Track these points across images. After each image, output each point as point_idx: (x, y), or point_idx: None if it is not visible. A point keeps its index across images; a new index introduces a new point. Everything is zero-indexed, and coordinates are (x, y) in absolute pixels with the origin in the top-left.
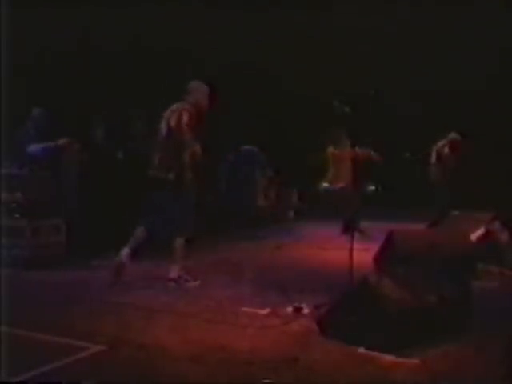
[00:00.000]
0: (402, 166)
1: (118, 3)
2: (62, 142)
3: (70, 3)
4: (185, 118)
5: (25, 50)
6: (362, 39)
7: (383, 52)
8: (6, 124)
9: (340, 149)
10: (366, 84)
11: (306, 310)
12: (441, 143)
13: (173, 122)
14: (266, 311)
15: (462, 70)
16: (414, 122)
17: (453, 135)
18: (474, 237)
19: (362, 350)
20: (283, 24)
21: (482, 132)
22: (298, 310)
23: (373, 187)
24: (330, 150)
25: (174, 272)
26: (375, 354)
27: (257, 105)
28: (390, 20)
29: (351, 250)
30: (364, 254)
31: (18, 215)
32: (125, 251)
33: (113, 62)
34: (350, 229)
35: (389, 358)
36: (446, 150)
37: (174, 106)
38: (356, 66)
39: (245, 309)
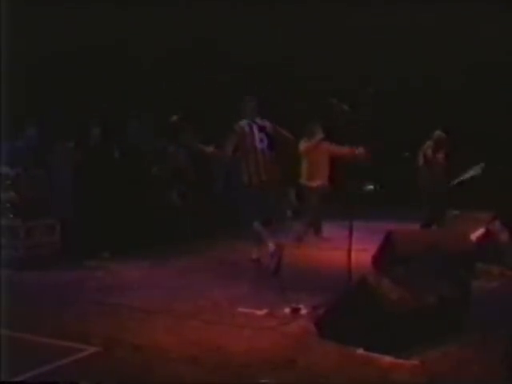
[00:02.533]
0: (401, 165)
1: (115, 4)
2: None
3: (68, 4)
4: None
5: (25, 49)
6: (362, 38)
7: (382, 50)
8: (5, 124)
9: (314, 142)
10: (366, 82)
11: (303, 311)
12: (426, 144)
13: None
14: (263, 312)
15: (462, 69)
16: (414, 120)
17: (437, 133)
18: (474, 237)
19: (360, 351)
20: (280, 23)
21: (482, 131)
22: (295, 310)
23: (371, 186)
24: (302, 143)
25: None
26: (374, 355)
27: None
28: (388, 20)
29: (349, 250)
30: (362, 254)
31: (11, 215)
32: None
33: (111, 62)
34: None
35: (388, 359)
36: (430, 151)
37: None
38: (355, 65)
39: (242, 309)
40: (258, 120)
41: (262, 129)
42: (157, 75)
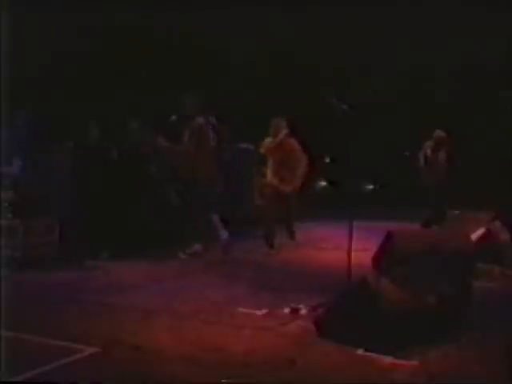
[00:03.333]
0: (401, 165)
1: (114, 5)
2: None
3: (67, 4)
4: None
5: (24, 51)
6: (361, 37)
7: (382, 50)
8: (5, 124)
9: (278, 140)
10: (366, 83)
11: (303, 311)
12: (427, 144)
13: None
14: (262, 312)
15: (463, 68)
16: (414, 120)
17: (437, 132)
18: (474, 237)
19: (360, 351)
20: (279, 22)
21: (482, 131)
22: (295, 310)
23: (371, 186)
24: (267, 142)
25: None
26: (374, 355)
27: (254, 103)
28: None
29: (349, 250)
30: (362, 254)
31: (10, 215)
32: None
33: (109, 62)
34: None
35: (388, 359)
36: (429, 151)
37: None
38: (355, 65)
39: (241, 309)
40: (210, 117)
41: (213, 126)
42: (155, 75)
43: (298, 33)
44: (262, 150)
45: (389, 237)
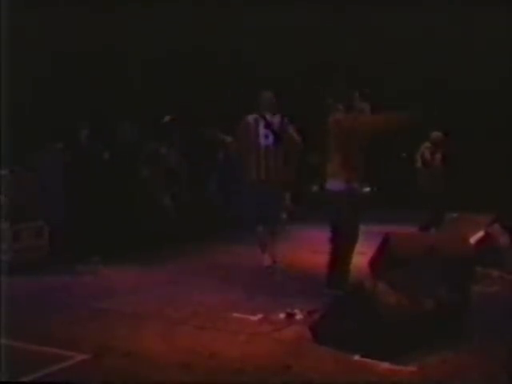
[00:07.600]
0: (398, 167)
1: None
2: None
3: (59, 6)
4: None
5: (23, 52)
6: (361, 37)
7: (381, 50)
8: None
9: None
10: (364, 82)
11: (298, 316)
12: (424, 145)
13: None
14: (257, 317)
15: (463, 68)
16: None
17: (435, 134)
18: (473, 240)
19: (356, 357)
20: (280, 22)
21: (481, 132)
22: (290, 315)
23: (368, 188)
24: (337, 116)
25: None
26: (371, 361)
27: (251, 102)
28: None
29: None
30: (359, 258)
31: None
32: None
33: (102, 63)
34: None
35: (385, 365)
36: (427, 153)
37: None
38: (354, 65)
39: (236, 314)
40: (268, 115)
41: (268, 125)
42: (148, 76)
43: (298, 32)
44: (334, 123)
45: (385, 240)
